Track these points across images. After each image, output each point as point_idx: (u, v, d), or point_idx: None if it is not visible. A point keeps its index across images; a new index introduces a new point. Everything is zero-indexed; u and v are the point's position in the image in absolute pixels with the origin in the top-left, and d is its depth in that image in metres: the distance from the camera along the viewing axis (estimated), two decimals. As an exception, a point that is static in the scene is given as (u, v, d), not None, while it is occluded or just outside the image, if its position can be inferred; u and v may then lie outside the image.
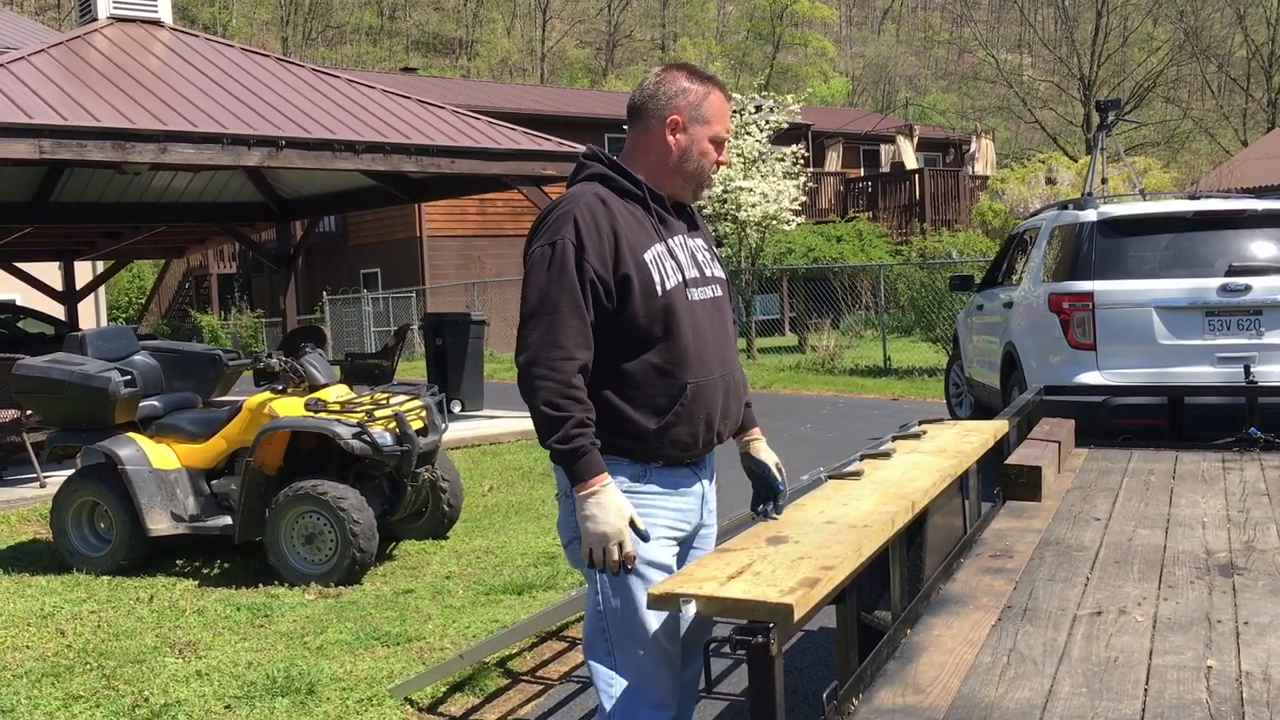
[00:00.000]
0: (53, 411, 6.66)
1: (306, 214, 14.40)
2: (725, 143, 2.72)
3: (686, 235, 2.71)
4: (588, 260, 2.49)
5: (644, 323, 2.54)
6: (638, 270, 2.53)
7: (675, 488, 2.66)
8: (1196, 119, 43.12)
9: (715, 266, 2.76)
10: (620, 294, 2.52)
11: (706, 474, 2.78)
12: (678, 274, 2.59)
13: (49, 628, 5.32)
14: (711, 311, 2.67)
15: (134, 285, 29.61)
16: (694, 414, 2.59)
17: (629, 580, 2.54)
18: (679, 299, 2.57)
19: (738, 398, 2.74)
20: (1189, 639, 2.50)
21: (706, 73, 2.73)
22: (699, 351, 2.59)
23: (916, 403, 12.83)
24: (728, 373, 2.68)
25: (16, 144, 7.95)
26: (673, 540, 2.66)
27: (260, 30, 57.27)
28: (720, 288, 2.74)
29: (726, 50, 61.77)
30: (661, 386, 2.57)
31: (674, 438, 2.59)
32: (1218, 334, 6.79)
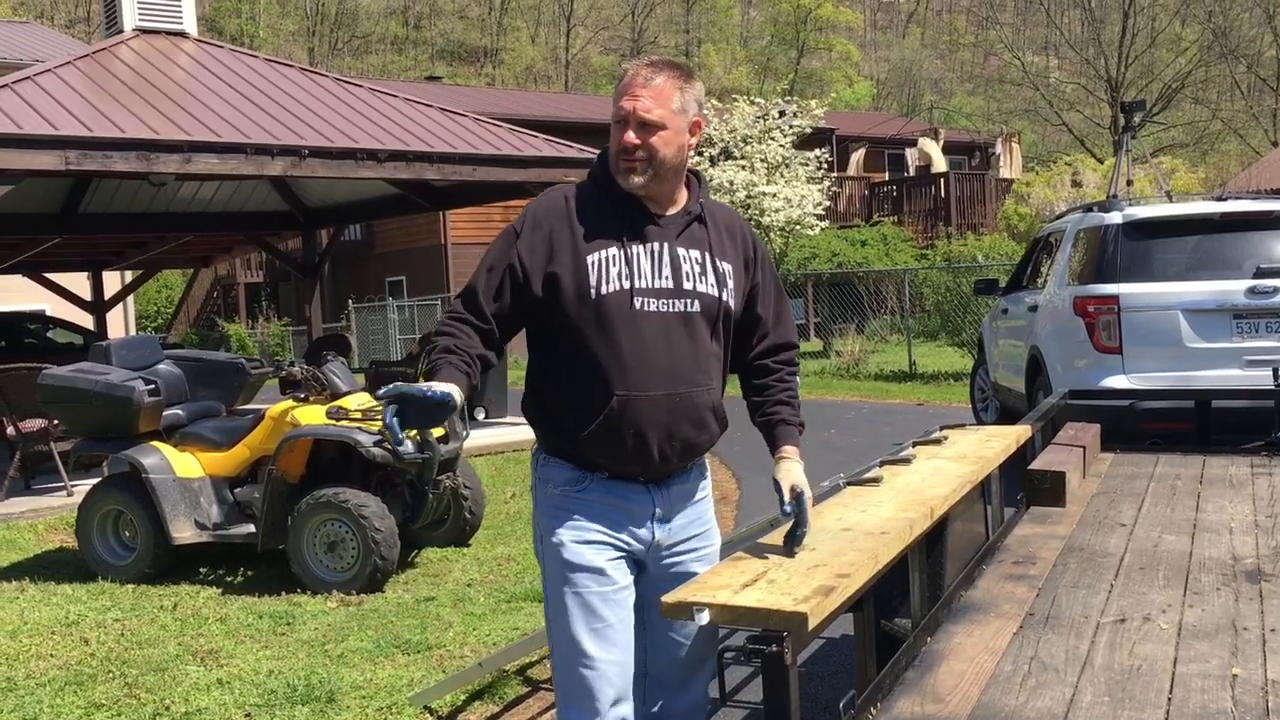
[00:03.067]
0: (78, 420, 6.72)
1: (331, 222, 14.47)
2: (623, 121, 2.49)
3: (674, 244, 2.54)
4: (518, 248, 2.49)
5: (575, 324, 2.47)
6: (574, 271, 2.46)
7: (621, 500, 2.54)
8: (1225, 120, 42.73)
9: (707, 282, 2.55)
10: (549, 291, 2.47)
11: (668, 496, 2.60)
12: (625, 280, 2.46)
13: (73, 636, 5.35)
14: (674, 326, 2.50)
15: (162, 295, 29.86)
16: (621, 429, 2.47)
17: (560, 588, 2.50)
18: (617, 306, 2.45)
19: (694, 421, 2.54)
20: (1214, 647, 2.45)
21: (654, 57, 2.60)
22: (639, 364, 2.46)
23: (942, 407, 12.74)
24: (679, 393, 2.50)
25: (43, 156, 8.02)
26: (612, 547, 2.52)
27: (287, 41, 57.71)
28: (702, 303, 2.54)
29: (751, 55, 61.81)
30: (589, 394, 2.48)
31: (601, 449, 2.49)
32: (1246, 336, 6.71)
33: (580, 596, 2.48)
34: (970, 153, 34.81)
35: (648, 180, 2.50)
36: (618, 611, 2.49)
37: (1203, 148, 41.72)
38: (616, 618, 2.49)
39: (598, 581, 2.48)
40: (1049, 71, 46.84)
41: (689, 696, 2.66)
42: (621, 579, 2.52)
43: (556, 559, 2.52)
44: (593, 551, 2.50)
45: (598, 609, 2.47)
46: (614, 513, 2.53)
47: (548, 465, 2.58)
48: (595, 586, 2.48)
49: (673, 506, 2.60)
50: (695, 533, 2.66)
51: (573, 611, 2.47)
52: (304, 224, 14.07)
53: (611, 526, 2.52)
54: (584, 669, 2.46)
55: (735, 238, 2.65)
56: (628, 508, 2.54)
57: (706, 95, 13.45)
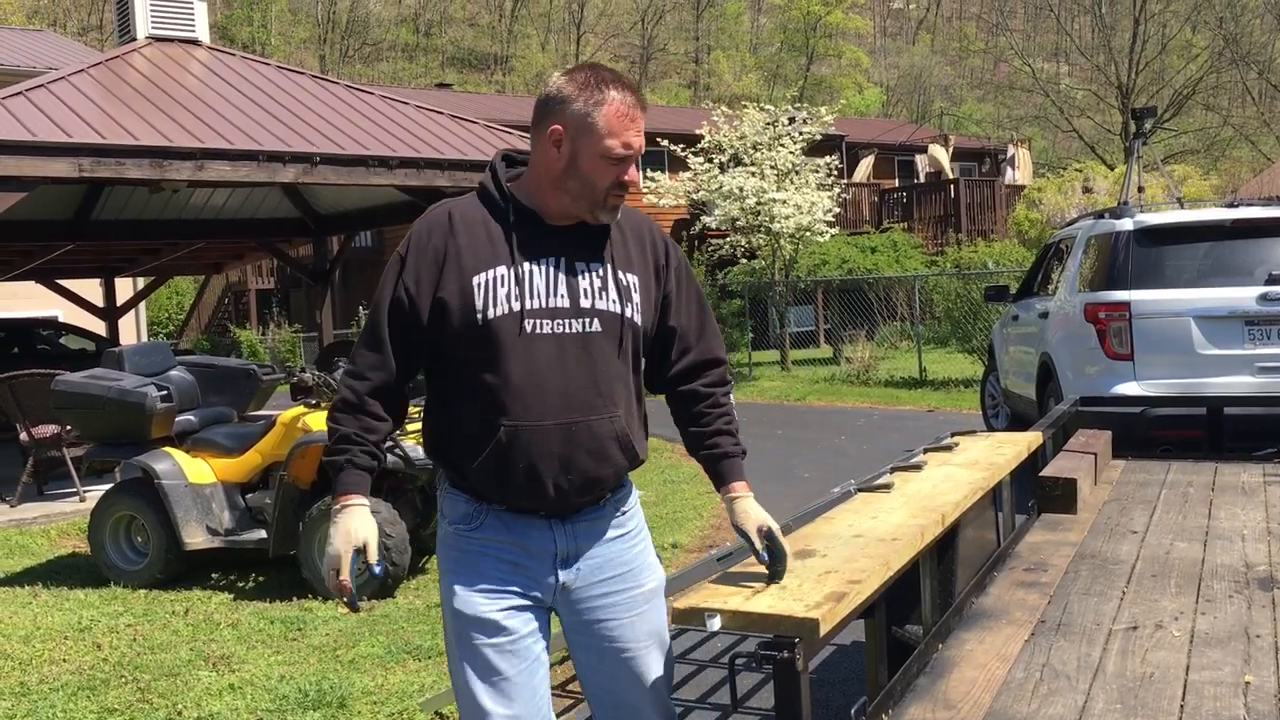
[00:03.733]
0: (91, 426, 6.76)
1: (342, 229, 14.50)
2: (626, 160, 2.30)
3: (571, 258, 2.34)
4: (403, 278, 2.32)
5: (463, 351, 2.30)
6: (461, 294, 2.27)
7: (519, 538, 2.35)
8: (1237, 126, 42.59)
9: (607, 298, 2.34)
10: (436, 317, 2.30)
11: (573, 533, 2.38)
12: (515, 302, 2.27)
13: (86, 641, 5.37)
14: (571, 348, 2.30)
15: (174, 301, 29.94)
16: (512, 461, 2.28)
17: (451, 634, 2.37)
18: (505, 330, 2.26)
19: (592, 452, 2.32)
20: (1227, 654, 2.45)
21: (611, 76, 2.32)
22: (529, 392, 2.27)
23: (952, 414, 12.72)
24: (574, 421, 2.29)
25: (57, 163, 8.06)
26: (509, 594, 2.34)
27: (298, 49, 57.91)
28: (602, 322, 2.33)
29: (760, 63, 61.83)
30: (478, 424, 2.30)
31: (493, 483, 2.32)
32: (1258, 343, 6.69)
33: (473, 649, 2.32)
34: (980, 159, 34.77)
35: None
36: (515, 663, 2.33)
37: (1214, 154, 41.59)
38: (514, 669, 2.32)
39: (491, 633, 2.31)
40: (1059, 78, 46.77)
41: None
42: (519, 628, 2.33)
43: (449, 607, 2.36)
44: (486, 601, 2.32)
45: (493, 662, 2.31)
46: (511, 552, 2.35)
47: (446, 497, 2.42)
48: (489, 639, 2.31)
49: (579, 546, 2.38)
50: (610, 574, 2.41)
51: (466, 665, 2.33)
52: (315, 231, 14.10)
53: (508, 570, 2.34)
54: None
55: (644, 245, 2.44)
56: (526, 546, 2.35)
57: (716, 102, 13.54)
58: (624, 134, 2.29)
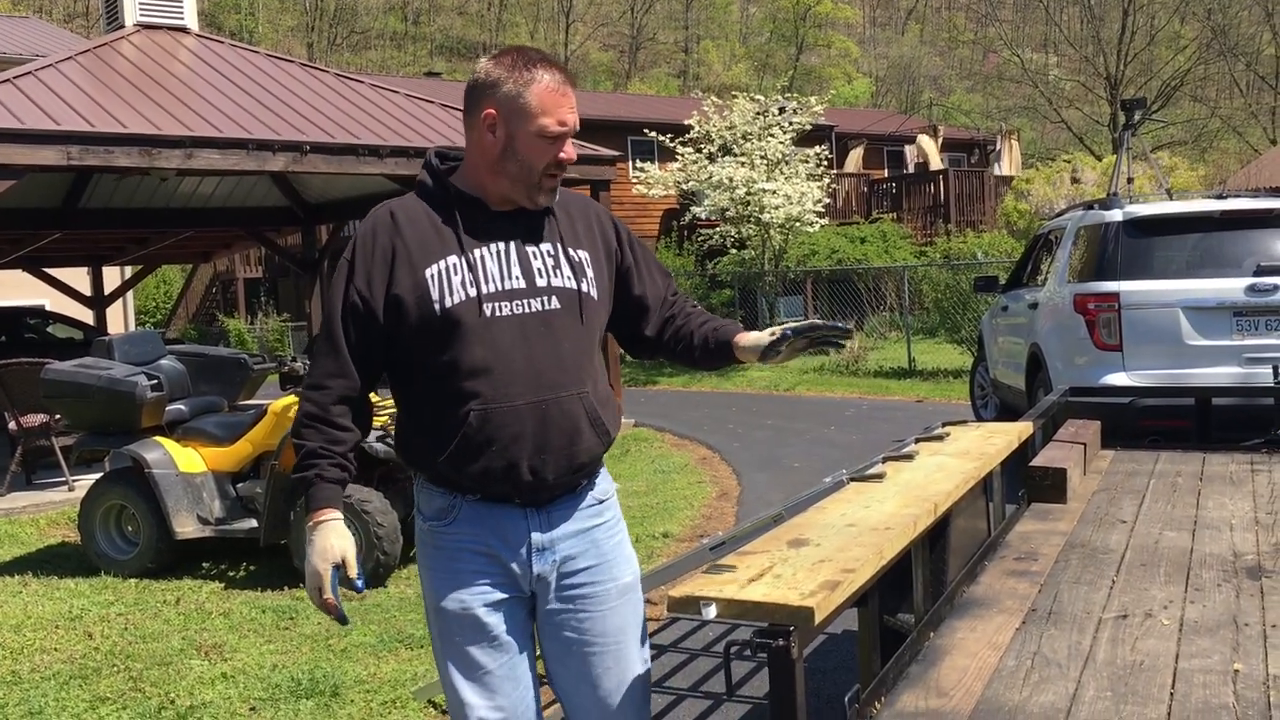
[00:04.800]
0: (80, 415, 6.74)
1: (331, 218, 14.48)
2: (561, 137, 2.29)
3: (520, 241, 2.34)
4: (354, 282, 2.30)
5: (424, 344, 2.28)
6: (414, 288, 2.26)
7: (493, 528, 2.33)
8: (1224, 117, 42.77)
9: (561, 275, 2.35)
10: (392, 315, 2.29)
11: (548, 521, 2.37)
12: (471, 288, 2.26)
13: (77, 630, 5.37)
14: (533, 328, 2.30)
15: (161, 290, 29.84)
16: (483, 446, 2.26)
17: (434, 630, 2.38)
18: (465, 316, 2.25)
19: (565, 430, 2.31)
20: (1216, 642, 2.47)
21: (537, 55, 2.32)
22: (497, 374, 2.26)
23: (941, 404, 12.77)
24: (545, 400, 2.29)
25: (45, 151, 8.03)
26: (488, 588, 2.33)
27: (286, 36, 57.66)
28: (560, 298, 2.33)
29: (750, 52, 61.81)
30: (444, 412, 2.28)
31: (466, 471, 2.29)
32: (1246, 334, 6.73)
33: (455, 644, 2.33)
34: (969, 150, 34.81)
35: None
36: (498, 656, 2.33)
37: (1201, 145, 41.76)
38: (497, 663, 2.33)
39: (472, 630, 2.32)
40: (1048, 69, 46.84)
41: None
42: (500, 623, 2.33)
43: (430, 604, 2.37)
44: (466, 595, 2.32)
45: (475, 657, 2.32)
46: (485, 544, 2.33)
47: (421, 493, 2.40)
48: (470, 634, 2.32)
49: (555, 534, 2.36)
50: (586, 565, 2.39)
51: (450, 661, 2.34)
52: (304, 220, 14.08)
53: (485, 563, 2.33)
54: (466, 718, 2.34)
55: (590, 224, 2.46)
56: (502, 536, 2.33)
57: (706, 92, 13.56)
58: (557, 111, 2.28)
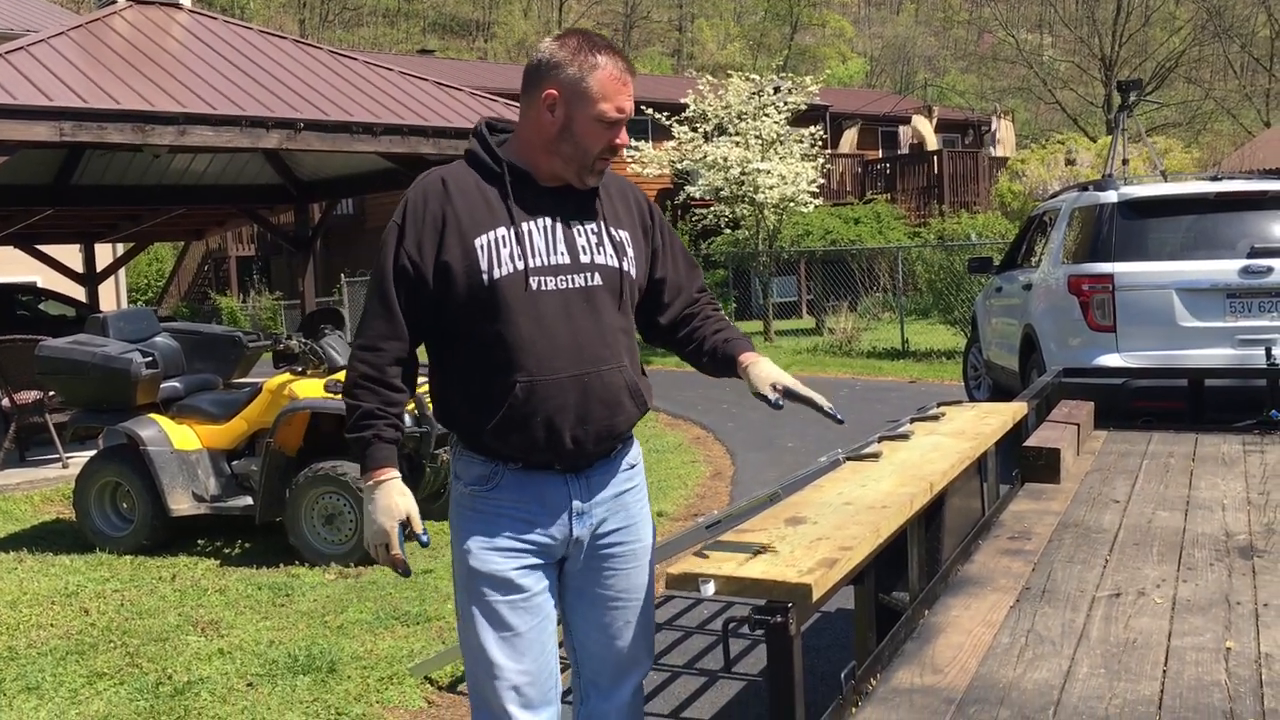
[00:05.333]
0: (75, 392, 6.73)
1: (324, 196, 14.41)
2: (618, 123, 2.36)
3: (566, 217, 2.40)
4: (404, 246, 2.34)
5: (470, 312, 2.34)
6: (464, 256, 2.31)
7: (534, 495, 2.40)
8: (1219, 99, 42.74)
9: (604, 253, 2.41)
10: (441, 281, 2.33)
11: (588, 487, 2.45)
12: (519, 261, 2.32)
13: (73, 606, 5.38)
14: (576, 303, 2.36)
15: (153, 268, 29.70)
16: (529, 417, 2.32)
17: (466, 595, 2.41)
18: (512, 288, 2.31)
19: (606, 401, 2.39)
20: (1208, 621, 2.50)
21: (602, 42, 2.38)
22: (541, 347, 2.32)
23: (934, 385, 12.79)
24: (587, 373, 2.36)
25: (38, 126, 7.98)
26: (524, 553, 2.40)
27: (278, 13, 57.25)
28: (602, 275, 2.40)
29: (744, 31, 61.54)
30: (491, 383, 2.34)
31: (510, 440, 2.35)
32: (1239, 316, 6.75)
33: (488, 605, 2.37)
34: (964, 130, 34.78)
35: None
36: (528, 619, 2.39)
37: (1195, 127, 41.72)
38: (527, 625, 2.39)
39: (506, 590, 2.37)
40: (1043, 49, 46.73)
41: (619, 696, 2.57)
42: (533, 585, 2.40)
43: (463, 565, 2.41)
44: (501, 559, 2.38)
45: (506, 618, 2.38)
46: (526, 510, 2.40)
47: (460, 459, 2.45)
48: (502, 595, 2.37)
49: (593, 498, 2.45)
50: (617, 526, 2.50)
51: (479, 621, 2.38)
52: (297, 198, 14.01)
53: (523, 529, 2.39)
54: (494, 679, 2.39)
55: (629, 204, 2.53)
56: (541, 501, 2.40)
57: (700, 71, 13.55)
58: (616, 98, 2.35)
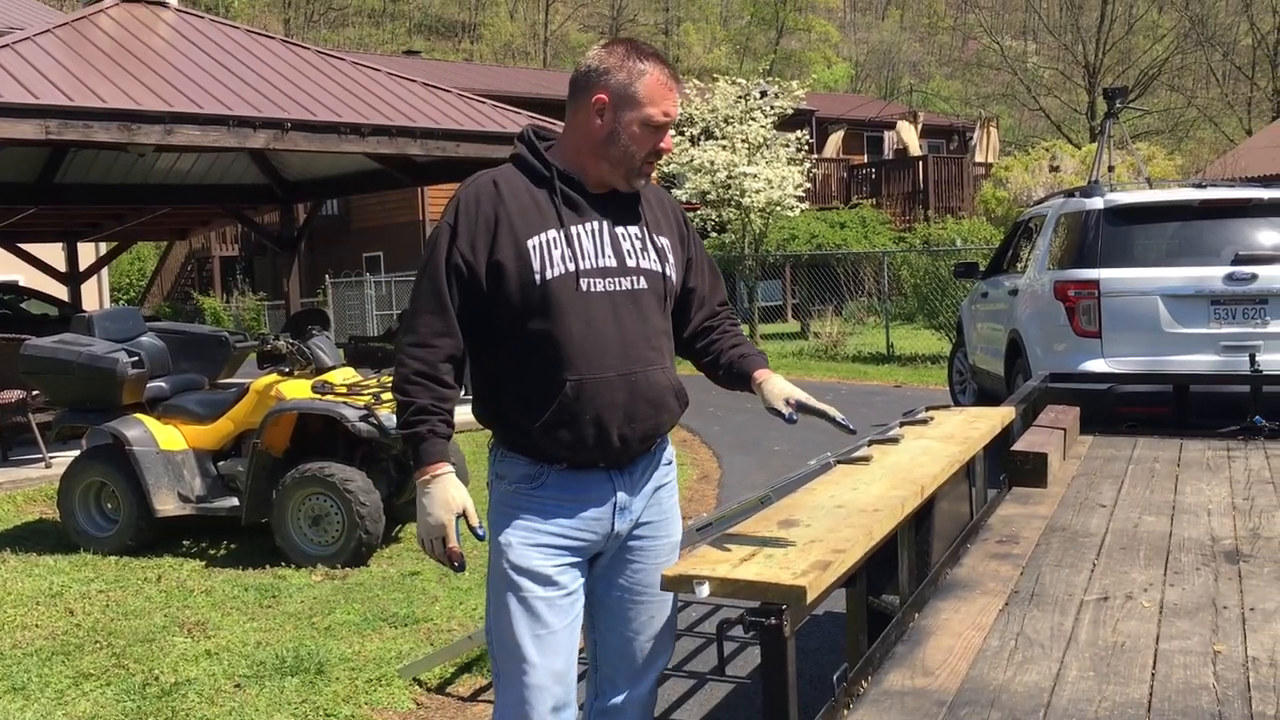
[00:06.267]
0: (60, 392, 6.70)
1: (310, 197, 14.39)
2: (664, 127, 2.45)
3: (612, 222, 2.47)
4: (457, 245, 2.39)
5: (521, 312, 2.39)
6: (517, 257, 2.37)
7: (580, 493, 2.46)
8: (1201, 107, 43.02)
9: (649, 258, 2.49)
10: (493, 281, 2.38)
11: (631, 483, 2.52)
12: (570, 263, 2.38)
13: (58, 607, 5.36)
14: (623, 305, 2.43)
15: (135, 267, 29.57)
16: (578, 415, 2.39)
17: (504, 590, 2.44)
18: (563, 289, 2.37)
19: (652, 400, 2.46)
20: (1195, 624, 2.52)
21: (649, 49, 2.47)
22: (590, 347, 2.38)
23: (919, 389, 12.84)
24: (634, 372, 2.43)
25: (23, 124, 7.94)
26: (565, 550, 2.46)
27: (262, 12, 57.06)
28: (647, 279, 2.48)
29: (730, 35, 61.64)
30: (541, 382, 2.39)
31: (559, 439, 2.41)
32: (1223, 322, 6.80)
33: (525, 601, 2.41)
34: (949, 136, 34.93)
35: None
36: (562, 618, 2.44)
37: (1178, 135, 42.00)
38: (561, 624, 2.43)
39: (544, 586, 2.42)
40: (1027, 56, 46.98)
41: (638, 692, 2.61)
42: (569, 584, 2.45)
43: (502, 560, 2.45)
44: (541, 556, 2.43)
45: (542, 614, 2.41)
46: (570, 508, 2.46)
47: (504, 460, 2.51)
48: (541, 591, 2.42)
49: (635, 493, 2.53)
50: (651, 519, 2.58)
51: (516, 615, 2.41)
52: (282, 198, 13.98)
53: (566, 526, 2.45)
54: (524, 675, 2.41)
55: (668, 212, 2.62)
56: (586, 498, 2.46)
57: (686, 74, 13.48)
58: (663, 103, 2.43)
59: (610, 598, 2.56)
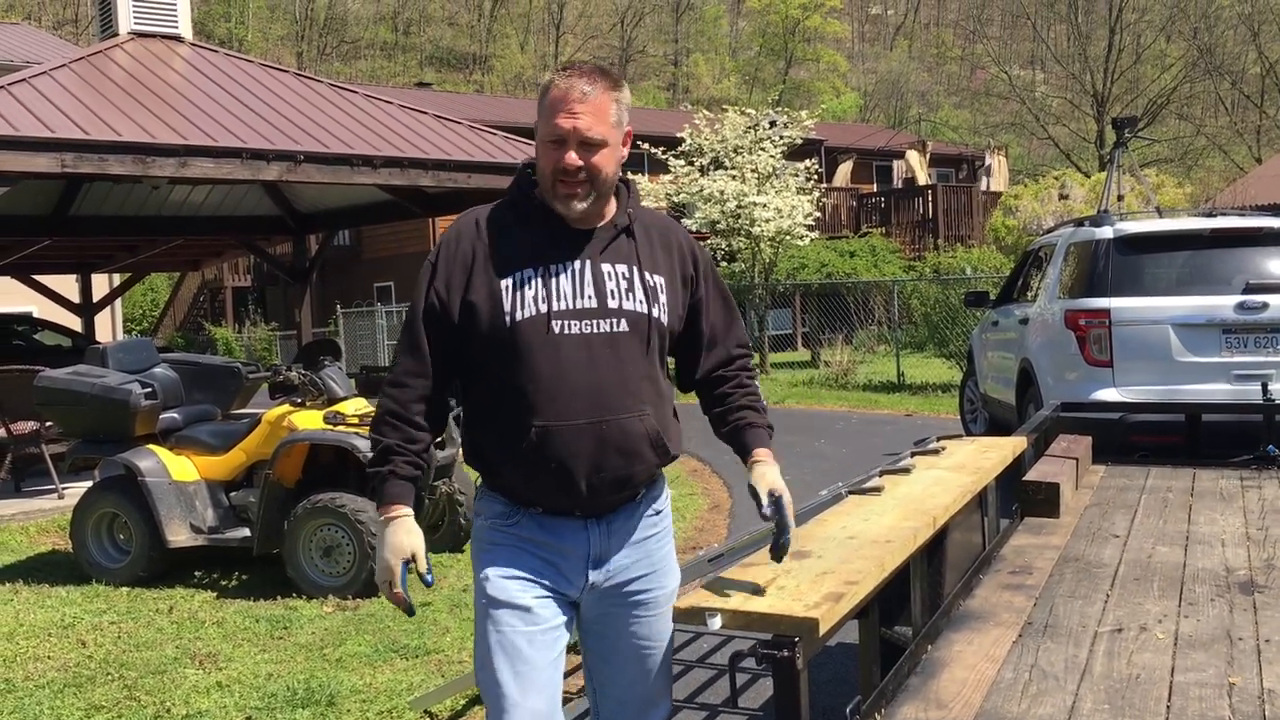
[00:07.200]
0: (74, 423, 6.72)
1: (322, 228, 14.47)
2: (562, 142, 2.29)
3: (597, 260, 2.36)
4: (435, 284, 2.36)
5: (492, 353, 2.33)
6: (490, 297, 2.31)
7: (554, 539, 2.39)
8: (1210, 136, 43.06)
9: (634, 299, 2.36)
10: (466, 320, 2.33)
11: (608, 533, 2.42)
12: (543, 303, 2.30)
13: (70, 638, 5.36)
14: (600, 348, 2.32)
15: (148, 298, 29.73)
16: (542, 462, 2.31)
17: (483, 619, 2.38)
18: (533, 331, 2.29)
19: (624, 450, 2.34)
20: (1210, 656, 2.50)
21: (579, 66, 2.35)
22: (560, 391, 2.29)
23: (930, 419, 12.81)
24: (605, 420, 2.31)
25: (39, 158, 8.02)
26: (540, 583, 2.37)
27: (275, 45, 57.62)
28: (629, 321, 2.35)
29: (739, 66, 62.01)
30: (510, 425, 2.33)
31: (527, 483, 2.35)
32: (1235, 351, 6.79)
33: (504, 636, 2.34)
34: (957, 165, 35.00)
35: (590, 204, 2.34)
36: (545, 653, 2.35)
37: (1187, 163, 42.03)
38: (543, 660, 2.35)
39: (524, 620, 2.34)
40: (1035, 85, 47.12)
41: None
42: (550, 617, 2.37)
43: (482, 594, 2.39)
44: (519, 587, 2.35)
45: (523, 650, 2.33)
46: (545, 551, 2.38)
47: (483, 498, 2.47)
48: (521, 625, 2.34)
49: (612, 545, 2.42)
50: (639, 574, 2.45)
51: (496, 651, 2.34)
52: (295, 229, 14.06)
53: (541, 566, 2.38)
54: (506, 715, 2.33)
55: (670, 248, 2.47)
56: (560, 548, 2.39)
57: (695, 105, 13.45)
58: (555, 115, 2.29)
59: (605, 649, 2.50)
